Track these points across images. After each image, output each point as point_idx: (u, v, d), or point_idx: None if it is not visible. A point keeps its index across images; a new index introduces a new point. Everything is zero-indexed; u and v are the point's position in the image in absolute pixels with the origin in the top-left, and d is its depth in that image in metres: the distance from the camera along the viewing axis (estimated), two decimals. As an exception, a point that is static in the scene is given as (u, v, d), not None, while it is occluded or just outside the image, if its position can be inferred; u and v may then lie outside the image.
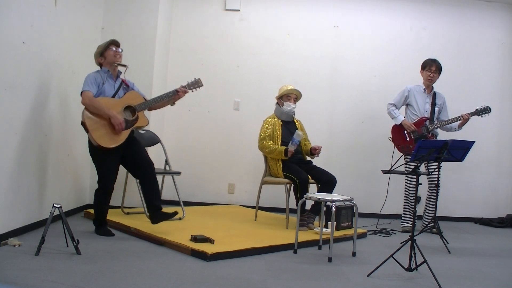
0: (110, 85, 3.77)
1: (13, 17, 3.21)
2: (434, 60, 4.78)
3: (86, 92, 3.62)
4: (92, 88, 3.63)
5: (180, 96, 3.96)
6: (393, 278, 3.01)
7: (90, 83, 3.65)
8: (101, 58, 3.80)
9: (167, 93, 3.92)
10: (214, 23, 5.71)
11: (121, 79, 3.86)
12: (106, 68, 3.78)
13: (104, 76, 3.75)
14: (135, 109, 3.75)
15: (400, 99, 4.91)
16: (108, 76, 3.78)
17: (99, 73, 3.76)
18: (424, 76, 4.81)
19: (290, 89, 4.59)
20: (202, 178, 5.65)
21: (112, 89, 3.76)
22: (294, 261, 3.36)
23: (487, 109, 4.54)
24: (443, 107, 4.83)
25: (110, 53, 3.77)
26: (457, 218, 5.71)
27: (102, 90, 3.70)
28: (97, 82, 3.68)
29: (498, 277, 3.25)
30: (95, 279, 2.63)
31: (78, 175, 4.61)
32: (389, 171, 3.21)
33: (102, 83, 3.71)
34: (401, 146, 4.73)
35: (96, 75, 3.72)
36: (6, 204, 3.27)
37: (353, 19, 5.74)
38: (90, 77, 3.69)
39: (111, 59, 3.76)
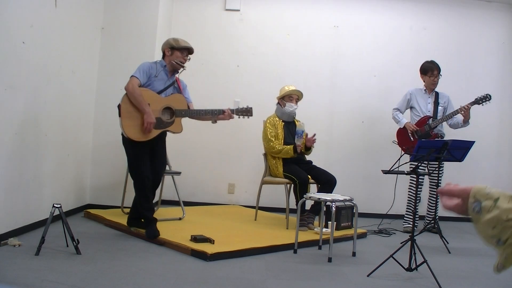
0: (162, 79, 3.71)
1: (13, 17, 3.21)
2: (432, 62, 4.76)
3: (134, 78, 3.56)
4: (141, 77, 3.57)
5: (224, 118, 3.84)
6: (393, 278, 3.01)
7: (143, 71, 3.59)
8: (169, 51, 3.74)
9: (212, 110, 3.82)
10: (214, 23, 5.71)
11: (175, 78, 3.81)
12: (165, 63, 3.74)
13: (159, 69, 3.70)
14: (174, 112, 3.70)
15: (403, 103, 4.94)
16: (164, 70, 3.73)
17: (156, 64, 3.70)
18: (428, 81, 4.78)
19: (292, 89, 4.59)
20: (202, 178, 5.65)
21: (162, 84, 3.70)
22: (294, 261, 3.36)
23: (487, 96, 4.41)
24: (448, 106, 4.80)
25: (178, 55, 3.73)
26: (457, 218, 5.70)
27: (152, 82, 3.64)
28: (149, 73, 3.62)
29: (498, 277, 3.25)
30: (95, 279, 2.63)
31: (78, 175, 4.61)
32: (389, 171, 3.21)
33: (154, 75, 3.65)
34: (407, 148, 4.74)
35: (151, 66, 3.66)
36: (6, 204, 3.28)
37: (353, 19, 5.74)
38: (144, 65, 3.64)
39: (175, 59, 3.71)
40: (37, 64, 3.61)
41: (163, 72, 3.72)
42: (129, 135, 3.55)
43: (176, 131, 3.79)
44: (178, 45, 3.74)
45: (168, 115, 3.68)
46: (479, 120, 5.40)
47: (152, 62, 3.73)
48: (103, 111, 4.81)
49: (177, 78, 3.83)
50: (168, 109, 3.69)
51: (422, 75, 4.83)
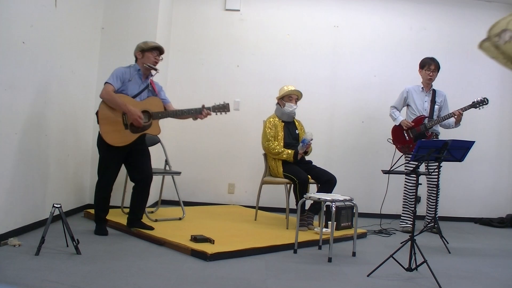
0: (136, 83, 3.73)
1: (13, 17, 3.20)
2: (432, 59, 4.77)
3: (108, 85, 3.59)
4: (115, 83, 3.60)
5: (201, 117, 3.87)
6: (393, 278, 3.01)
7: (116, 77, 3.61)
8: (140, 54, 3.76)
9: (188, 110, 3.84)
10: (214, 23, 5.72)
11: (149, 81, 3.82)
12: (138, 66, 3.76)
13: (133, 73, 3.71)
14: (151, 115, 3.72)
15: (400, 100, 4.93)
16: (137, 74, 3.74)
17: (129, 69, 3.72)
18: (424, 75, 4.80)
19: (292, 89, 4.58)
20: (202, 178, 5.66)
21: (137, 88, 3.72)
22: (294, 261, 3.36)
23: (484, 100, 4.39)
24: (443, 105, 4.81)
25: (149, 56, 3.73)
26: (457, 218, 5.71)
27: (126, 87, 3.66)
28: (123, 78, 3.64)
29: (498, 277, 3.25)
30: (95, 279, 2.63)
31: (78, 175, 4.61)
32: (389, 171, 3.21)
33: (128, 79, 3.67)
34: (401, 146, 4.74)
35: (125, 70, 3.68)
36: (6, 204, 3.28)
37: (353, 19, 5.74)
38: (118, 71, 3.66)
39: (148, 61, 3.72)
40: (37, 64, 3.61)
41: (137, 76, 3.75)
42: (108, 140, 3.59)
43: (154, 133, 3.84)
44: (147, 46, 3.76)
45: (146, 118, 3.70)
46: (478, 120, 5.41)
47: (125, 67, 3.74)
48: (103, 111, 4.80)
49: (152, 81, 3.86)
50: (145, 112, 3.71)
51: (420, 69, 4.84)
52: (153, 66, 3.77)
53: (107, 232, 3.78)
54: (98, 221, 3.82)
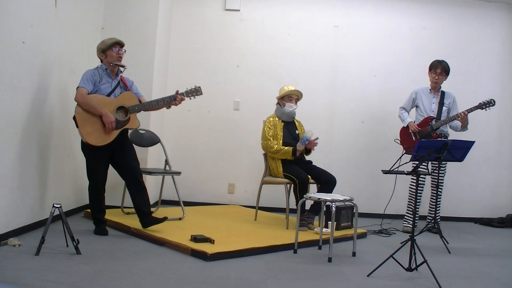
0: (107, 83, 3.77)
1: (13, 17, 3.20)
2: (440, 62, 4.76)
3: (81, 88, 3.62)
4: (87, 85, 3.64)
5: (176, 103, 3.90)
6: (393, 278, 3.01)
7: (86, 80, 3.66)
8: (102, 55, 3.80)
9: (162, 98, 3.88)
10: (214, 23, 5.72)
11: (120, 78, 3.85)
12: (105, 66, 3.79)
13: (101, 74, 3.75)
14: (128, 110, 3.76)
15: (409, 102, 4.96)
16: (106, 74, 3.77)
17: (97, 70, 3.76)
18: (430, 78, 4.81)
19: (292, 89, 4.59)
20: (202, 178, 5.66)
21: (109, 87, 3.76)
22: (294, 261, 3.36)
23: (491, 101, 4.40)
24: (452, 106, 4.79)
25: (112, 53, 3.76)
26: (457, 218, 5.71)
27: (98, 87, 3.70)
28: (93, 79, 3.68)
29: (498, 277, 3.25)
30: (95, 279, 2.63)
31: (78, 175, 4.61)
32: (389, 171, 3.21)
33: (99, 80, 3.71)
34: (407, 147, 4.74)
35: (94, 72, 3.72)
36: (6, 204, 3.27)
37: (353, 19, 5.74)
38: (87, 74, 3.70)
39: (111, 59, 3.76)
40: (37, 64, 3.61)
41: (106, 75, 3.77)
42: (90, 141, 3.61)
43: (134, 127, 3.87)
44: (105, 45, 3.77)
45: (123, 113, 3.75)
46: (478, 120, 5.41)
47: (93, 68, 3.77)
48: (103, 111, 4.81)
49: (122, 77, 3.88)
50: (121, 108, 3.75)
51: (428, 72, 4.84)
52: (119, 63, 3.79)
53: (107, 232, 3.78)
54: (97, 223, 3.83)
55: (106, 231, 3.79)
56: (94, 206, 3.84)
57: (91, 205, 3.87)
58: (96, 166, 3.76)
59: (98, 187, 3.81)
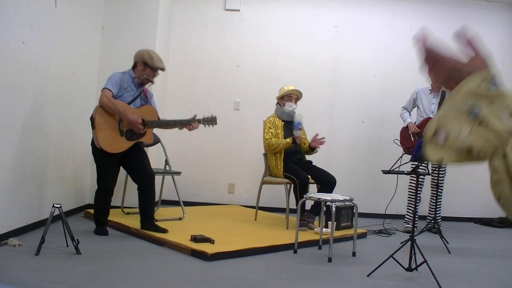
0: (131, 90, 3.75)
1: (13, 17, 3.21)
2: None
3: (107, 90, 3.59)
4: (114, 89, 3.61)
5: (190, 128, 3.91)
6: (393, 278, 3.01)
7: (114, 83, 3.63)
8: (141, 65, 3.74)
9: (180, 121, 3.88)
10: (214, 23, 5.71)
11: (142, 88, 3.85)
12: (134, 75, 3.76)
13: (128, 81, 3.73)
14: (146, 124, 3.74)
15: (410, 102, 4.97)
16: (132, 82, 3.76)
17: (125, 76, 3.73)
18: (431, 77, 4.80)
19: (292, 89, 4.59)
20: (202, 178, 5.65)
21: (131, 96, 3.75)
22: (294, 261, 3.36)
23: None
24: None
25: (150, 73, 3.74)
26: (457, 218, 5.71)
27: (122, 93, 3.69)
28: (120, 84, 3.66)
29: (498, 277, 3.25)
30: (95, 279, 2.63)
31: (78, 175, 4.61)
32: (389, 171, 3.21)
33: (124, 87, 3.69)
34: (407, 147, 4.75)
35: (122, 77, 3.70)
36: (6, 204, 3.28)
37: (353, 19, 5.74)
38: (116, 77, 3.66)
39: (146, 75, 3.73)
40: (37, 64, 3.61)
41: (132, 84, 3.77)
42: (104, 147, 3.60)
43: (148, 142, 3.88)
44: (152, 64, 3.75)
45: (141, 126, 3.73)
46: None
47: (121, 72, 3.75)
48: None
49: (144, 88, 3.88)
50: None
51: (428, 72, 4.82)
52: (151, 79, 3.80)
53: (107, 232, 3.78)
54: (98, 223, 3.82)
55: (107, 231, 3.79)
56: (98, 208, 3.82)
57: (95, 206, 3.85)
58: (106, 171, 3.74)
59: (107, 191, 3.79)
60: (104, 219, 3.84)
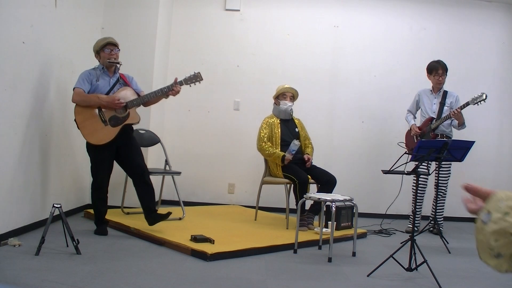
0: (105, 81, 3.77)
1: (13, 17, 3.21)
2: (438, 62, 4.74)
3: (77, 89, 3.65)
4: (83, 85, 3.66)
5: (174, 94, 3.87)
6: (393, 278, 3.01)
7: (82, 80, 3.68)
8: (97, 56, 3.83)
9: (161, 89, 3.85)
10: (214, 23, 5.71)
11: (119, 75, 3.86)
12: (101, 65, 3.80)
13: (98, 73, 3.76)
14: (126, 105, 3.75)
15: (413, 104, 4.97)
16: (103, 72, 3.79)
17: (95, 70, 3.77)
18: (433, 81, 4.77)
19: (286, 87, 4.62)
20: (202, 178, 5.65)
21: (107, 85, 3.77)
22: (294, 261, 3.36)
23: (481, 96, 4.35)
24: (455, 106, 4.74)
25: (104, 55, 3.77)
26: (457, 218, 5.70)
27: (95, 86, 3.71)
28: (89, 79, 3.70)
29: (498, 277, 3.25)
30: (95, 279, 2.63)
31: (78, 175, 4.61)
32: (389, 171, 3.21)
33: (96, 79, 3.72)
34: (411, 149, 4.74)
35: (90, 72, 3.74)
36: (6, 204, 3.27)
37: (353, 19, 5.74)
38: (82, 74, 3.72)
39: (104, 60, 3.77)
40: (37, 64, 3.61)
41: (104, 74, 3.79)
42: (92, 141, 3.64)
43: (134, 122, 3.85)
44: (98, 46, 3.79)
45: (122, 109, 3.75)
46: (479, 120, 5.41)
47: (90, 69, 3.78)
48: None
49: (122, 74, 3.89)
50: None
51: (428, 75, 4.82)
52: (114, 61, 3.79)
53: (107, 232, 3.78)
54: (98, 222, 3.82)
55: (106, 231, 3.79)
56: (96, 205, 3.84)
57: (93, 204, 3.87)
58: (99, 165, 3.77)
59: (101, 186, 3.81)
60: (103, 217, 3.84)
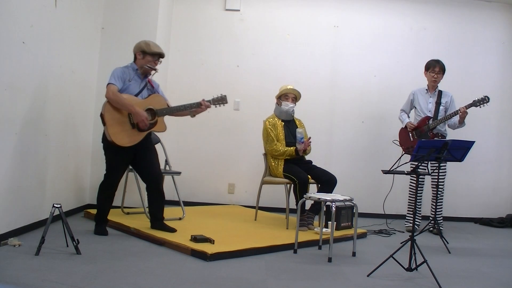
0: (136, 83, 3.74)
1: (13, 17, 3.21)
2: (437, 61, 4.78)
3: (112, 85, 3.58)
4: (118, 83, 3.60)
5: (201, 110, 3.89)
6: (393, 278, 3.01)
7: (117, 77, 3.62)
8: (140, 54, 3.74)
9: (190, 104, 3.86)
10: (214, 23, 5.72)
11: (147, 79, 3.83)
12: (136, 66, 3.76)
13: (131, 73, 3.72)
14: (156, 113, 3.73)
15: (407, 104, 4.98)
16: (136, 74, 3.75)
17: (128, 69, 3.73)
18: (428, 78, 4.81)
19: (289, 88, 4.61)
20: (202, 178, 5.66)
21: (137, 87, 3.73)
22: (294, 261, 3.36)
23: (485, 99, 4.37)
24: (450, 106, 4.78)
25: (150, 59, 3.73)
26: (457, 218, 5.71)
27: (127, 86, 3.67)
28: (123, 78, 3.65)
29: (498, 277, 3.25)
30: (95, 279, 2.63)
31: (78, 175, 4.61)
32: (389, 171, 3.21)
33: (128, 79, 3.68)
34: (407, 147, 4.75)
35: (124, 70, 3.69)
36: (6, 204, 3.28)
37: (353, 19, 5.74)
38: (118, 71, 3.66)
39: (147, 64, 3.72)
40: (37, 64, 3.61)
41: (136, 76, 3.76)
42: (116, 141, 3.58)
43: (160, 130, 3.84)
44: (150, 50, 3.74)
45: (150, 116, 3.72)
46: (478, 121, 5.41)
47: (123, 66, 3.75)
48: (103, 111, 4.82)
49: (149, 80, 3.87)
50: (149, 110, 3.72)
51: (425, 72, 4.85)
52: (153, 67, 3.78)
53: (107, 232, 3.78)
54: (99, 222, 3.81)
55: (106, 231, 3.78)
56: (101, 204, 3.79)
57: (98, 202, 3.81)
58: (116, 166, 3.73)
59: (112, 186, 3.76)
60: (105, 216, 3.83)
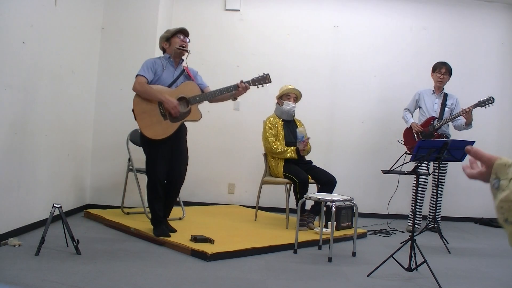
0: (170, 72, 3.63)
1: (13, 17, 3.21)
2: (444, 63, 4.81)
3: (140, 77, 3.49)
4: (147, 74, 3.50)
5: (240, 92, 3.71)
6: (393, 278, 3.01)
7: (147, 68, 3.53)
8: (166, 43, 3.67)
9: (226, 87, 3.69)
10: (214, 23, 5.71)
11: (183, 67, 3.72)
12: (168, 55, 3.67)
13: (164, 63, 3.63)
14: (188, 101, 3.58)
15: (412, 103, 4.99)
16: (169, 62, 3.66)
17: (160, 59, 3.64)
18: (435, 78, 4.83)
19: (290, 88, 4.61)
20: (202, 178, 5.65)
21: (171, 77, 3.62)
22: (294, 261, 3.36)
23: (490, 99, 4.39)
24: (455, 108, 4.79)
25: (176, 40, 3.62)
26: (457, 218, 5.71)
27: (159, 76, 3.57)
28: (154, 68, 3.54)
29: (498, 277, 3.25)
30: (95, 279, 2.63)
31: (78, 175, 4.61)
32: (389, 171, 3.21)
33: (161, 69, 3.58)
34: (411, 147, 4.76)
35: (155, 61, 3.60)
36: (6, 204, 3.28)
37: (353, 19, 5.74)
38: (148, 62, 3.58)
39: (175, 45, 3.61)
40: (37, 64, 3.61)
41: (169, 64, 3.65)
42: (148, 134, 3.47)
43: (196, 119, 3.66)
44: (170, 32, 3.66)
45: (184, 104, 3.57)
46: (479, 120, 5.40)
47: (155, 58, 3.69)
48: (102, 111, 4.81)
49: (186, 67, 3.74)
50: (182, 99, 3.58)
51: (432, 73, 4.87)
52: (184, 47, 3.64)
53: (168, 233, 3.59)
54: (155, 223, 3.64)
55: (167, 232, 3.59)
56: (154, 204, 3.63)
57: (150, 203, 3.65)
58: (156, 160, 3.56)
59: (159, 182, 3.59)
60: (161, 216, 3.65)
